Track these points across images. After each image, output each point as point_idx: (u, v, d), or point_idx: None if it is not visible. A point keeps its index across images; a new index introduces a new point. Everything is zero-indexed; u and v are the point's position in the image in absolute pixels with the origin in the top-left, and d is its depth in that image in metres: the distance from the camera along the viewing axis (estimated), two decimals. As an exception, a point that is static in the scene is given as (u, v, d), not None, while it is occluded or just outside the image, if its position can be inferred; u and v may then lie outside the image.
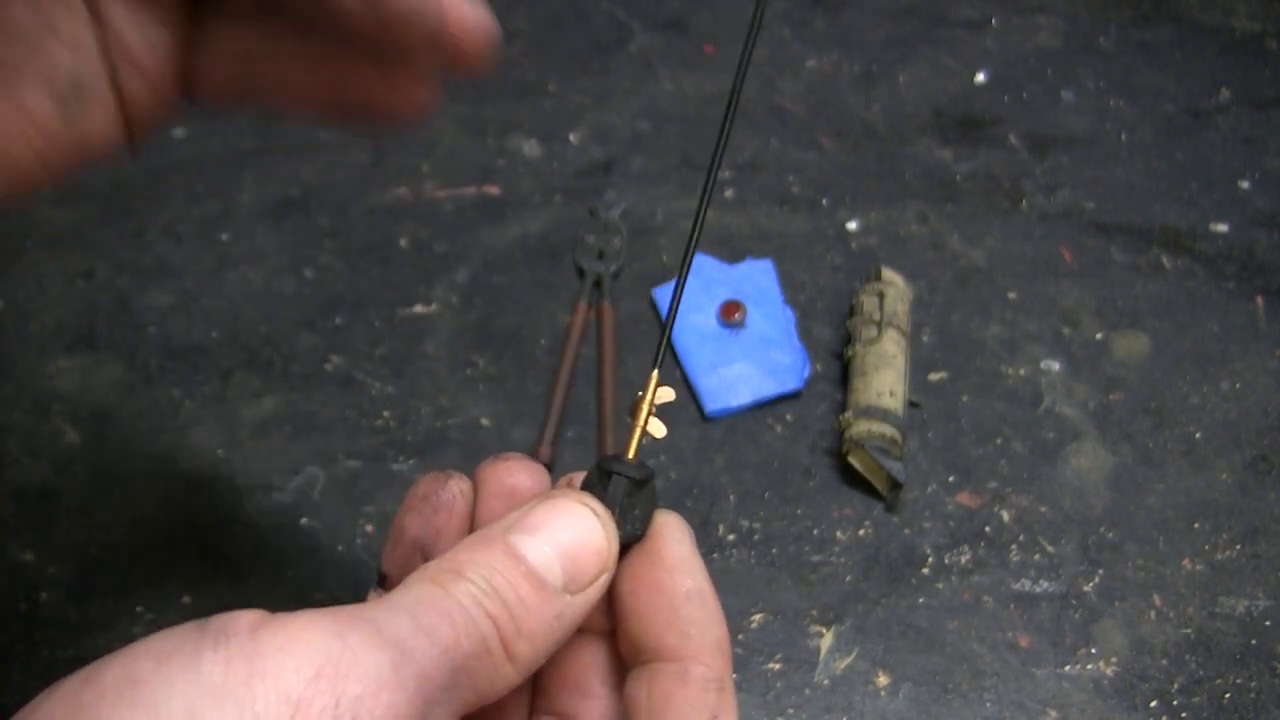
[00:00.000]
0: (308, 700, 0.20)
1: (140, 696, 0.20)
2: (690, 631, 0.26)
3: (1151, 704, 0.40)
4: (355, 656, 0.20)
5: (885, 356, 0.47)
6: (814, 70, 0.63)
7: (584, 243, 0.54)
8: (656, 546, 0.27)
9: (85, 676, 0.21)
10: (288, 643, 0.20)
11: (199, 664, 0.21)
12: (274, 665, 0.20)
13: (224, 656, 0.20)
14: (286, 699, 0.20)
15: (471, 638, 0.22)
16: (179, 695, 0.20)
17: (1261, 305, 0.52)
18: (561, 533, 0.25)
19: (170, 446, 0.48)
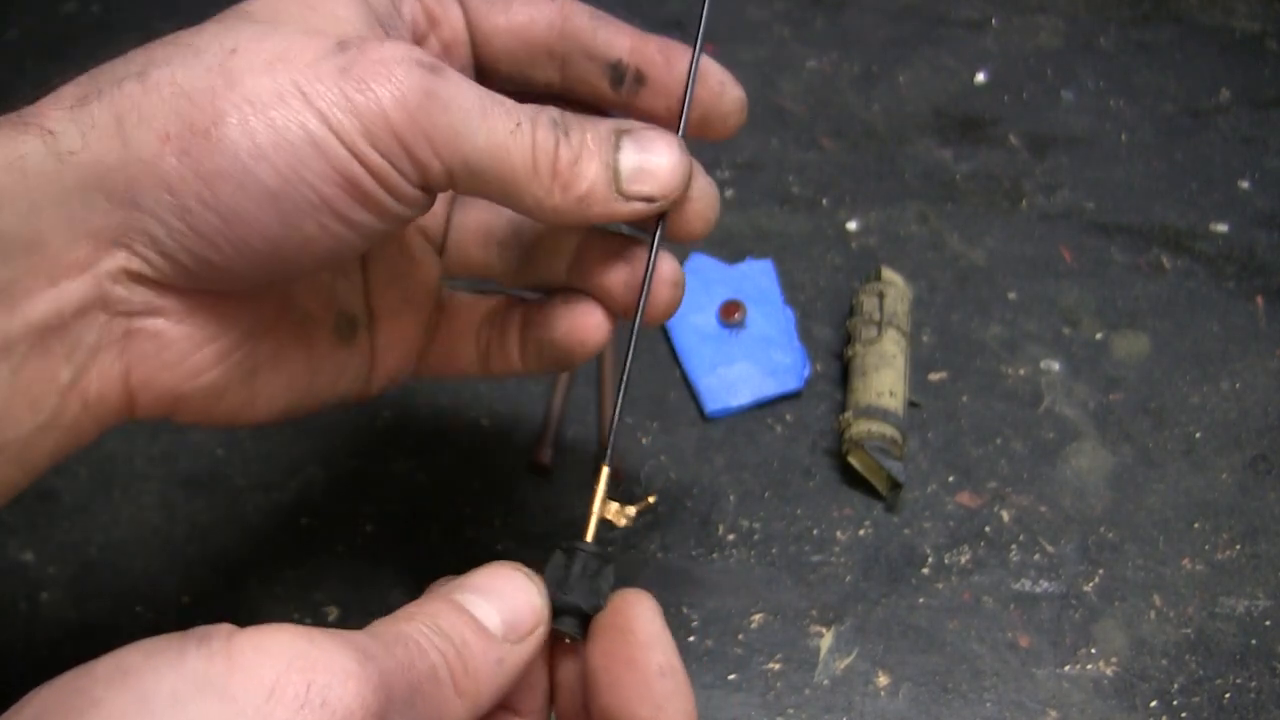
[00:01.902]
0: (281, 687, 0.22)
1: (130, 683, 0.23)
2: (663, 705, 0.28)
3: (1151, 704, 0.40)
4: (324, 652, 0.23)
5: (885, 356, 0.47)
6: (814, 70, 0.63)
7: None
8: (629, 623, 0.29)
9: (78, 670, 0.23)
10: (262, 642, 0.23)
11: (184, 658, 0.23)
12: (251, 659, 0.23)
13: (206, 653, 0.23)
14: (262, 685, 0.22)
15: (424, 662, 0.25)
16: (166, 682, 0.22)
17: (1261, 305, 0.52)
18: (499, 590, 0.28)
19: (170, 446, 0.48)
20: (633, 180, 0.31)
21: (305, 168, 0.27)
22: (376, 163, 0.28)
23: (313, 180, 0.27)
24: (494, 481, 0.47)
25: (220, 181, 0.27)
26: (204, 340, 0.30)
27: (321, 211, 0.28)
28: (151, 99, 0.27)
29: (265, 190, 0.27)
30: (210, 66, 0.27)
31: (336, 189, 0.28)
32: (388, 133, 0.27)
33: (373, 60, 0.27)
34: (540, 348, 0.36)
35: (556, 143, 0.30)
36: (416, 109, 0.27)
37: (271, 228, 0.28)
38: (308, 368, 0.33)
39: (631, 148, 0.31)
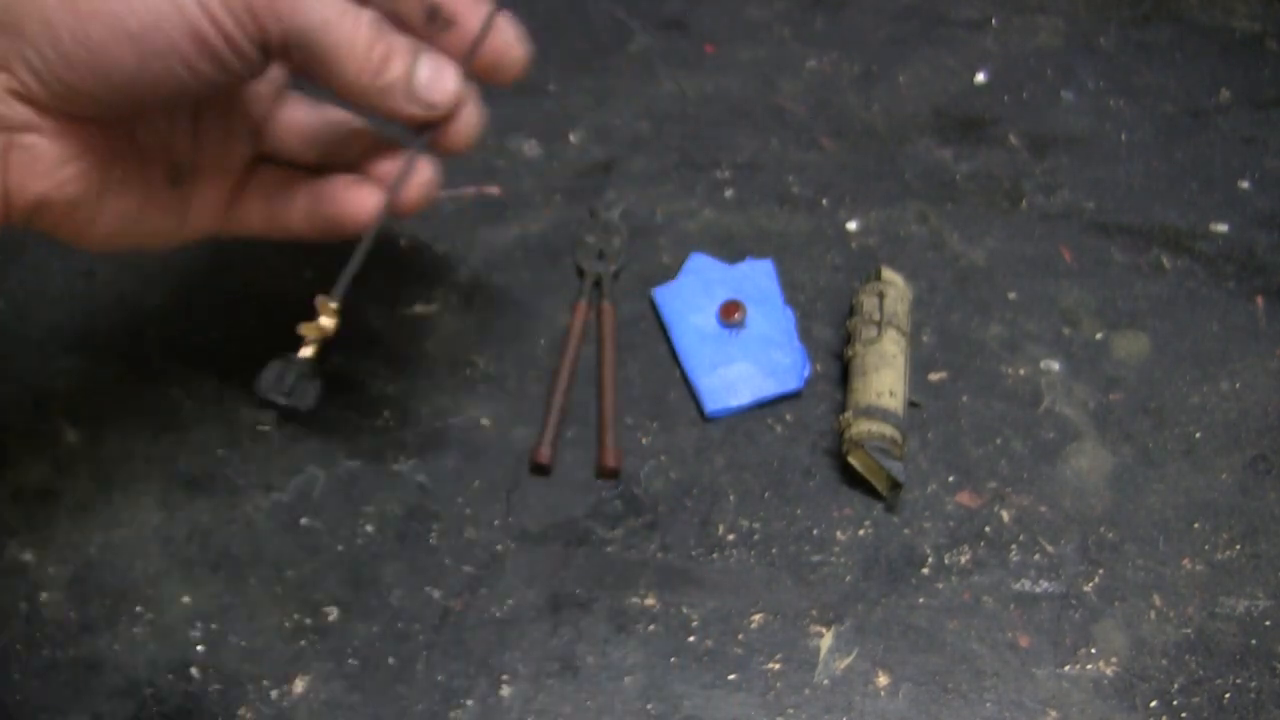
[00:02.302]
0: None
1: None
2: None
3: (1151, 704, 0.40)
4: None
5: (885, 356, 0.47)
6: (814, 70, 0.63)
7: (584, 243, 0.54)
8: None
9: None
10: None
11: None
12: None
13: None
14: None
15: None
16: None
17: (1261, 305, 0.52)
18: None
19: (170, 446, 0.48)
20: (423, 87, 0.38)
21: (163, 18, 0.33)
22: (224, 21, 0.33)
23: (168, 30, 0.33)
24: (494, 481, 0.47)
25: (92, 21, 0.33)
26: (69, 157, 0.36)
27: (171, 57, 0.34)
28: None
29: (128, 32, 0.33)
30: None
31: (187, 40, 0.33)
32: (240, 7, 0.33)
33: None
34: (318, 218, 0.42)
35: (376, 38, 0.37)
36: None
37: (130, 65, 0.33)
38: (142, 201, 0.40)
39: (427, 63, 0.38)
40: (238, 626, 0.42)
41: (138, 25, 0.33)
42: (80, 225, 0.38)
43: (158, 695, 0.41)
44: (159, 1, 0.33)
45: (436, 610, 0.43)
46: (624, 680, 0.41)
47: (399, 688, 0.41)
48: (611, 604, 0.43)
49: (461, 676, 0.41)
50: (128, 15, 0.33)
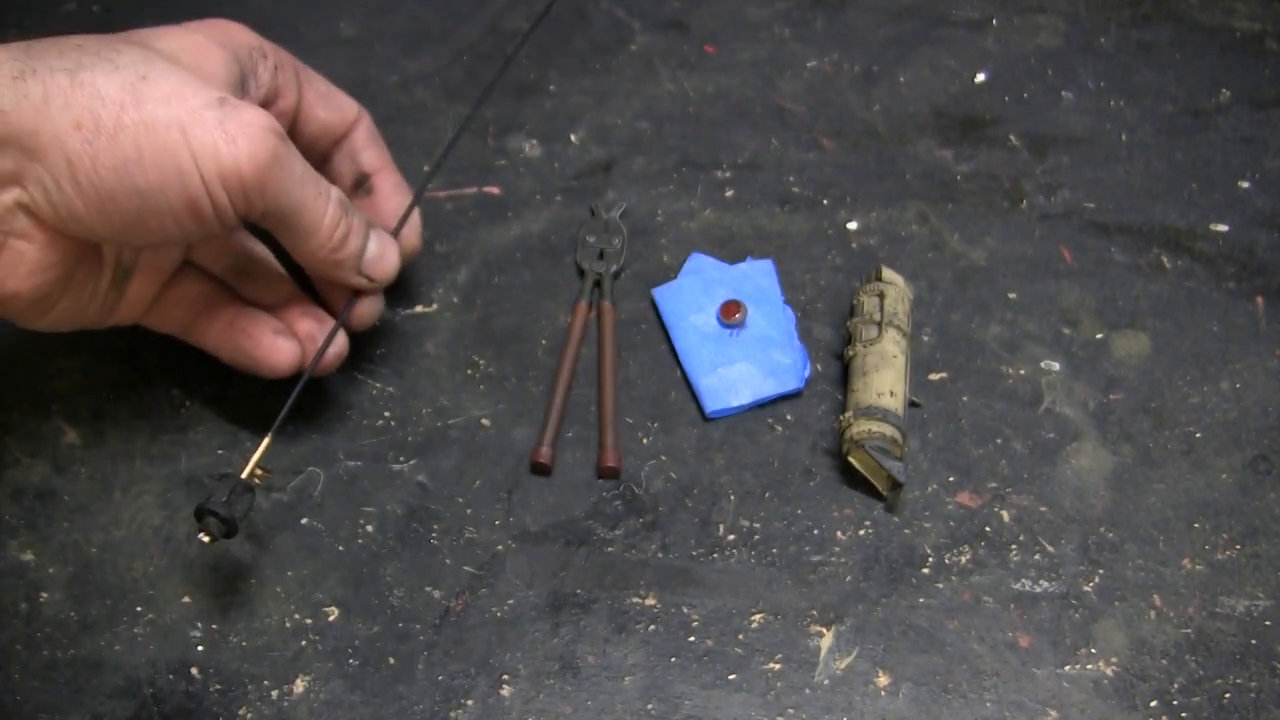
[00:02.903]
0: None
1: None
2: None
3: (1151, 704, 0.40)
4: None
5: (885, 356, 0.47)
6: (814, 70, 0.63)
7: (584, 243, 0.54)
8: None
9: None
10: None
11: None
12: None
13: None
14: None
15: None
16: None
17: (1261, 305, 0.52)
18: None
19: (170, 446, 0.48)
20: (370, 264, 0.44)
21: (168, 185, 0.37)
22: (220, 198, 0.38)
23: (169, 195, 0.37)
24: (494, 481, 0.47)
25: (107, 170, 0.36)
26: (50, 264, 0.39)
27: (168, 215, 0.38)
28: (76, 94, 0.36)
29: (135, 187, 0.37)
30: (125, 83, 0.36)
31: (183, 206, 0.38)
32: (236, 180, 0.38)
33: (243, 120, 0.37)
34: (234, 349, 0.46)
35: (340, 218, 0.42)
36: (263, 169, 0.38)
37: (131, 213, 0.37)
38: (90, 296, 0.43)
39: (375, 242, 0.44)
40: (238, 626, 0.42)
41: (145, 184, 0.37)
42: (34, 314, 0.41)
43: (158, 695, 0.41)
44: (169, 170, 0.37)
45: (436, 610, 0.43)
46: (624, 680, 0.41)
47: (399, 688, 0.41)
48: (612, 604, 0.43)
49: (461, 676, 0.41)
50: (139, 174, 0.37)
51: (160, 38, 0.40)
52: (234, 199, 0.38)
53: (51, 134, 0.36)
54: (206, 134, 0.37)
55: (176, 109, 0.37)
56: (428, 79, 0.63)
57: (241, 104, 0.38)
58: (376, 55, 0.64)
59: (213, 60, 0.40)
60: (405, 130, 0.60)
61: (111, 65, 0.37)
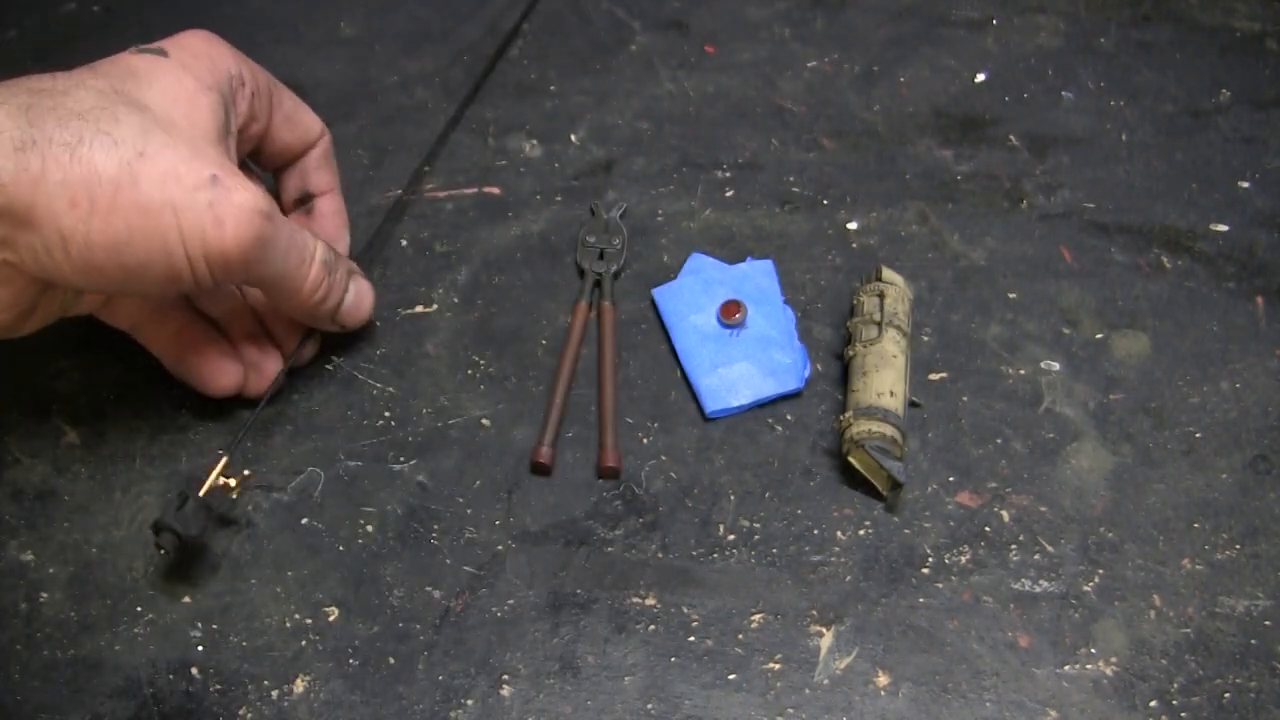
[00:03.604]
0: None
1: None
2: None
3: (1151, 704, 0.40)
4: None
5: (885, 356, 0.47)
6: (814, 70, 0.63)
7: (584, 243, 0.54)
8: None
9: None
10: None
11: None
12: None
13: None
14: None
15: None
16: None
17: (1261, 305, 0.52)
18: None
19: (170, 446, 0.48)
20: (346, 315, 0.47)
21: (156, 262, 0.39)
22: (201, 272, 0.39)
23: (156, 270, 0.39)
24: (494, 481, 0.47)
25: (98, 248, 0.38)
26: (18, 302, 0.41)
27: (149, 284, 0.39)
28: (74, 170, 0.37)
29: (122, 262, 0.38)
30: (122, 162, 0.37)
31: (168, 278, 0.39)
32: (221, 262, 0.39)
33: (233, 203, 0.39)
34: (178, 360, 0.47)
35: (323, 280, 0.44)
36: (248, 250, 0.39)
37: (115, 279, 0.39)
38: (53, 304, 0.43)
39: (352, 294, 0.47)
40: (238, 626, 0.42)
41: (134, 261, 0.38)
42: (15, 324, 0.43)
43: (158, 695, 0.41)
44: (156, 249, 0.38)
45: (436, 610, 0.43)
46: (624, 680, 0.41)
47: (399, 688, 0.41)
48: (611, 604, 0.43)
49: (461, 676, 0.41)
50: (128, 252, 0.38)
51: (154, 84, 0.41)
52: (215, 274, 0.40)
53: (47, 208, 0.37)
54: (196, 218, 0.38)
55: (171, 190, 0.38)
56: (428, 79, 0.63)
57: (233, 184, 0.39)
58: (376, 55, 0.64)
59: (202, 111, 0.41)
60: (405, 130, 0.60)
61: (110, 141, 0.37)
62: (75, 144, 0.37)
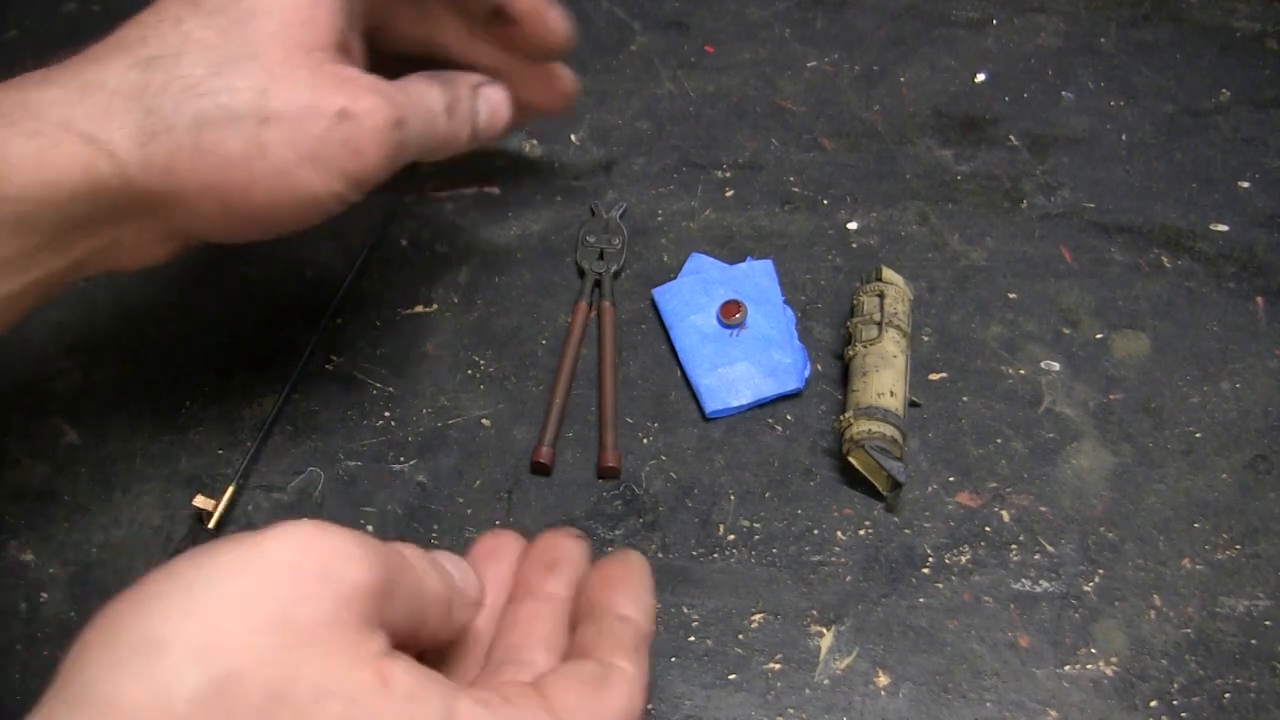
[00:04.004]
0: (302, 566, 0.28)
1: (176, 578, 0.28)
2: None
3: (1151, 704, 0.40)
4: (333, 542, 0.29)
5: (885, 356, 0.47)
6: (814, 70, 0.63)
7: (584, 242, 0.54)
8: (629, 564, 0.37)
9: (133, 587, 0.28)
10: (282, 534, 0.29)
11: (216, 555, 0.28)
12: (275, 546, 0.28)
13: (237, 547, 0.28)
14: (286, 565, 0.28)
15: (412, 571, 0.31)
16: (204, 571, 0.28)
17: (1261, 305, 0.52)
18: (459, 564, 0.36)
19: (170, 446, 0.48)
20: (483, 135, 0.45)
21: (301, 209, 0.38)
22: (351, 197, 0.39)
23: (302, 214, 0.38)
24: (494, 481, 0.47)
25: (239, 218, 0.38)
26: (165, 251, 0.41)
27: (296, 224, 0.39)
28: (202, 160, 0.36)
29: (266, 218, 0.38)
30: (247, 136, 0.36)
31: (316, 214, 0.39)
32: (365, 182, 0.39)
33: (366, 130, 0.38)
34: None
35: (447, 128, 0.43)
36: (389, 161, 0.39)
37: (259, 230, 0.39)
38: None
39: (484, 114, 0.45)
40: (238, 626, 0.42)
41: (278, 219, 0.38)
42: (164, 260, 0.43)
43: (158, 695, 0.41)
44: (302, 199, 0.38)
45: (436, 610, 0.43)
46: (624, 680, 0.41)
47: (399, 688, 0.41)
48: (611, 604, 0.43)
49: (461, 676, 0.41)
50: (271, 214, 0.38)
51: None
52: (362, 191, 0.39)
53: (181, 196, 0.36)
54: (335, 159, 0.37)
55: (303, 144, 0.37)
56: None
57: (362, 107, 0.37)
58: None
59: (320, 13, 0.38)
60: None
61: (229, 115, 0.36)
62: (197, 128, 0.36)
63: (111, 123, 0.35)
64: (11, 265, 0.36)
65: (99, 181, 0.35)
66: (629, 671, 0.33)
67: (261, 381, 0.50)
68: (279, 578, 0.28)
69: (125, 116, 0.35)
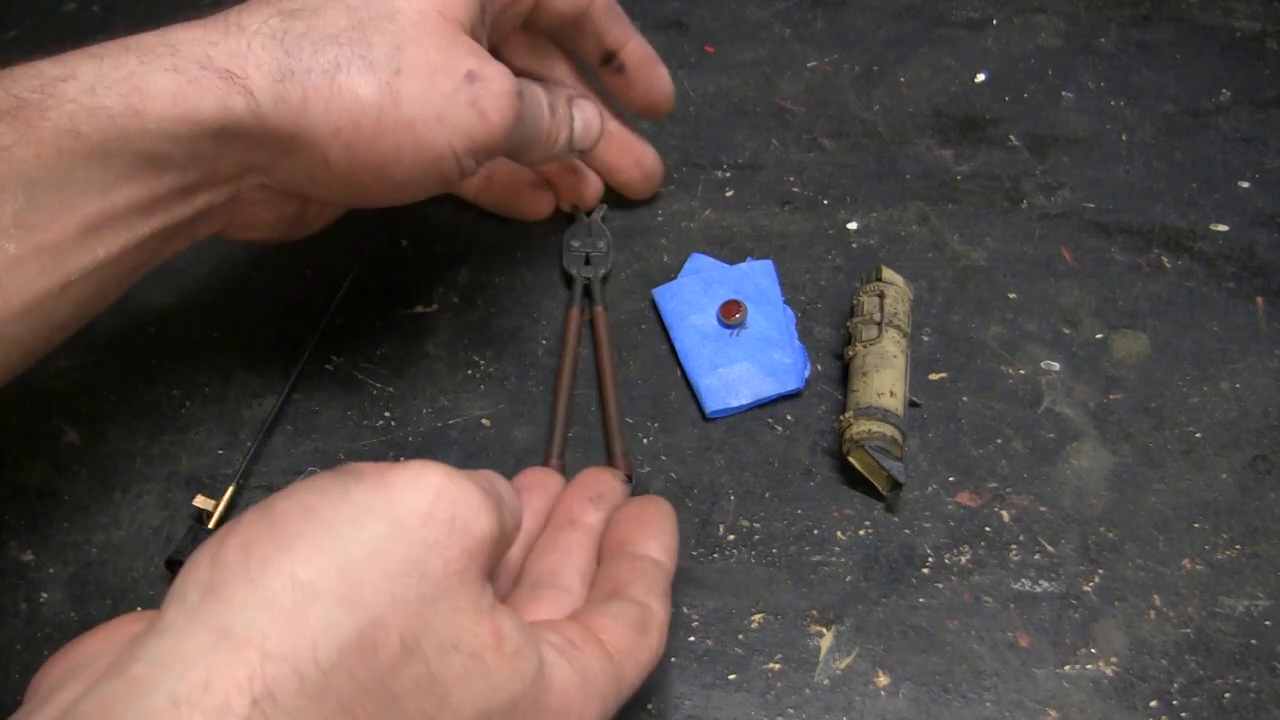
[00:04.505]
0: (433, 513, 0.28)
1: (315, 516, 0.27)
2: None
3: (1151, 704, 0.40)
4: (462, 488, 0.29)
5: (885, 356, 0.47)
6: (814, 70, 0.63)
7: (569, 248, 0.54)
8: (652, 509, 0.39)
9: (262, 510, 0.28)
10: (412, 478, 0.28)
11: (349, 494, 0.28)
12: (406, 491, 0.28)
13: (367, 487, 0.28)
14: (417, 512, 0.28)
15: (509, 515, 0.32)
16: (342, 511, 0.27)
17: (1261, 305, 0.52)
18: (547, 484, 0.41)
19: (170, 446, 0.48)
20: (578, 142, 0.47)
21: (426, 172, 0.39)
22: (469, 166, 0.40)
23: (425, 178, 0.39)
24: (494, 481, 0.46)
25: (364, 168, 0.38)
26: (288, 214, 0.43)
27: (415, 191, 0.40)
28: (335, 100, 0.37)
29: (392, 180, 0.39)
30: (381, 84, 0.37)
31: (436, 182, 0.40)
32: (486, 149, 0.40)
33: (492, 92, 0.39)
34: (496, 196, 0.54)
35: (552, 126, 0.44)
36: (511, 132, 0.40)
37: (379, 194, 0.40)
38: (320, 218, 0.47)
39: (579, 122, 0.47)
40: (238, 626, 0.42)
41: (402, 175, 0.39)
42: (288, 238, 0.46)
43: (158, 695, 0.41)
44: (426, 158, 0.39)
45: (436, 610, 0.43)
46: (624, 680, 0.41)
47: (399, 688, 0.41)
48: (611, 604, 0.43)
49: (461, 676, 0.41)
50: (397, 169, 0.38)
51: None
52: (480, 162, 0.40)
53: (310, 137, 0.37)
54: (461, 118, 0.38)
55: (433, 100, 0.38)
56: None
57: (489, 72, 0.39)
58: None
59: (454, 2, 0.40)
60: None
61: (365, 63, 0.37)
62: (333, 71, 0.37)
63: (250, 60, 0.36)
64: (140, 208, 0.37)
65: (233, 118, 0.36)
66: (661, 615, 0.35)
67: (261, 381, 0.50)
68: (412, 524, 0.28)
69: (264, 55, 0.36)
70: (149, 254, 0.39)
